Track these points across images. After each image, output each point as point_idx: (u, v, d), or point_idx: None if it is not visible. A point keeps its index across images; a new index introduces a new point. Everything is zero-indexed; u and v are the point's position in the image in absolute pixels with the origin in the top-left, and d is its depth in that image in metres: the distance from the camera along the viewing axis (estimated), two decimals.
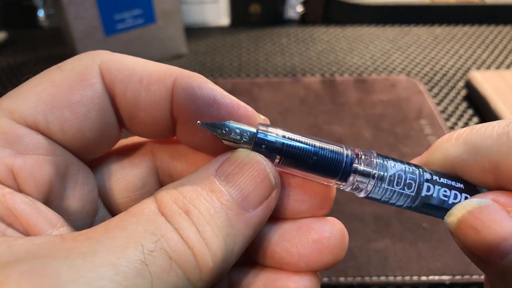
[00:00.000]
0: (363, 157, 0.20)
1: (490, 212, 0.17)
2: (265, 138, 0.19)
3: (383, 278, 0.39)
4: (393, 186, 0.20)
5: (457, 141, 0.20)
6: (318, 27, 0.84)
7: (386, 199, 0.20)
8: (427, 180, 0.20)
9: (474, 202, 0.18)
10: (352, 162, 0.19)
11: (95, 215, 0.22)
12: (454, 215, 0.18)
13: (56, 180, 0.18)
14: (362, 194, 0.20)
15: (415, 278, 0.38)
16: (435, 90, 0.65)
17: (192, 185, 0.18)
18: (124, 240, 0.14)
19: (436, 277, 0.38)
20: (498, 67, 0.70)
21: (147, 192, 0.23)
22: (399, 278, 0.38)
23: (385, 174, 0.20)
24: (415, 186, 0.20)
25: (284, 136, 0.19)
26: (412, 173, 0.20)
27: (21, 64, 0.71)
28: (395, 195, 0.20)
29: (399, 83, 0.65)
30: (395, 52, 0.75)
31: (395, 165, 0.20)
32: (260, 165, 0.18)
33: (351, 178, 0.20)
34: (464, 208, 0.18)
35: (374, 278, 0.39)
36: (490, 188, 0.19)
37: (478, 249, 0.17)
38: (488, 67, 0.70)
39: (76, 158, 0.20)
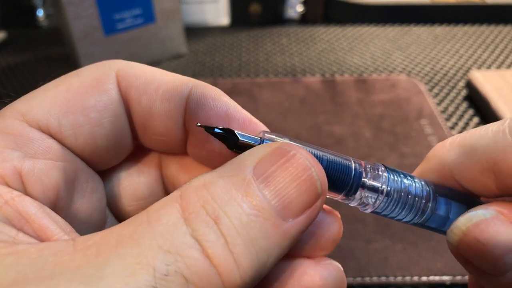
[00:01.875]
0: (370, 171, 0.19)
1: (496, 224, 0.17)
2: None
3: (383, 279, 0.38)
4: (401, 202, 0.19)
5: (451, 146, 0.20)
6: (318, 26, 0.84)
7: (394, 215, 0.19)
8: (433, 195, 0.19)
9: (479, 214, 0.17)
10: (360, 176, 0.18)
11: (103, 224, 0.21)
12: (458, 228, 0.18)
13: (64, 187, 0.18)
14: (368, 210, 0.19)
15: (415, 278, 0.38)
16: (436, 90, 0.65)
17: (225, 184, 0.15)
18: (135, 260, 0.13)
19: (437, 278, 0.38)
20: (498, 67, 0.70)
21: (155, 200, 0.22)
22: (399, 279, 0.38)
23: (393, 189, 0.19)
24: (422, 201, 0.19)
25: None
26: (420, 188, 0.19)
27: (20, 64, 0.71)
28: (403, 211, 0.19)
29: (400, 83, 0.64)
30: (396, 52, 0.75)
31: (403, 179, 0.19)
32: (307, 169, 0.16)
33: (358, 193, 0.19)
34: (469, 221, 0.17)
35: (375, 279, 0.38)
36: (490, 193, 0.19)
37: (482, 262, 0.17)
38: (489, 67, 0.70)
39: (86, 166, 0.20)
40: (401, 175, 0.19)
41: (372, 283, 0.38)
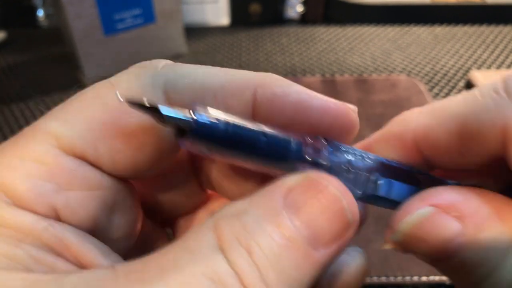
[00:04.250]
0: (311, 146, 0.18)
1: (433, 221, 0.17)
2: (203, 120, 0.16)
3: (383, 279, 0.38)
4: (341, 176, 0.18)
5: (420, 112, 0.19)
6: (318, 26, 0.84)
7: None
8: (377, 169, 0.19)
9: (415, 216, 0.18)
10: (299, 152, 0.18)
11: (138, 234, 0.21)
12: (399, 232, 0.18)
13: (102, 214, 0.17)
14: None
15: (415, 278, 0.38)
16: (436, 90, 0.65)
17: (256, 216, 0.15)
18: (180, 286, 0.13)
19: (437, 278, 0.38)
20: (498, 67, 0.70)
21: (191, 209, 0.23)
22: (399, 279, 0.38)
23: (333, 164, 0.18)
24: (364, 175, 0.19)
25: (226, 120, 0.16)
26: (362, 161, 0.19)
27: (20, 63, 0.71)
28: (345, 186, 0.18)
29: (400, 83, 0.64)
30: (396, 52, 0.75)
31: (344, 153, 0.19)
32: (337, 199, 0.16)
33: (300, 169, 0.18)
34: (408, 224, 0.18)
35: (375, 279, 0.38)
36: (451, 163, 0.19)
37: (428, 254, 0.18)
38: (489, 67, 0.70)
39: (122, 185, 0.19)
40: (343, 148, 0.19)
41: (372, 283, 0.38)
